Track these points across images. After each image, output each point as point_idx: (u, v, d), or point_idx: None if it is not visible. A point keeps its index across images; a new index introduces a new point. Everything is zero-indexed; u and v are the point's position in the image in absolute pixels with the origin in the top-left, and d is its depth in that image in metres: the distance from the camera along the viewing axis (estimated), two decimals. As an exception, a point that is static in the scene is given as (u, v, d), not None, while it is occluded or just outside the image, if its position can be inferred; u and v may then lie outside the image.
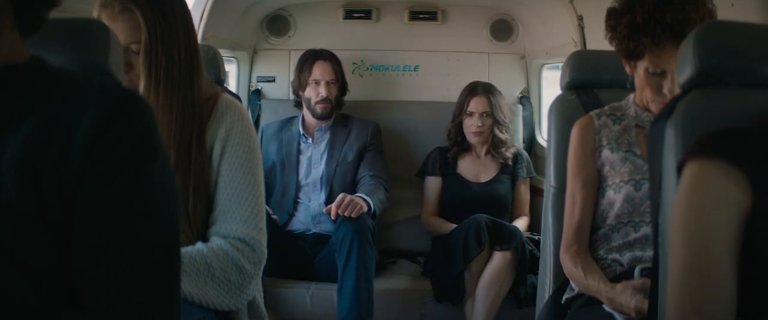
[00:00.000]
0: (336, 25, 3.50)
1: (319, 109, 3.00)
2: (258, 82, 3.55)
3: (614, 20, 1.64)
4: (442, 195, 3.05)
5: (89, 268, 0.83)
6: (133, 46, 1.47)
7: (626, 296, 1.53)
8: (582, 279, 1.68)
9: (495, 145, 3.02)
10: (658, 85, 1.63)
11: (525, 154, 3.15)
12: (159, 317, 0.86)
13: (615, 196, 1.70)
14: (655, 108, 1.67)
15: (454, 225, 2.78)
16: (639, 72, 1.65)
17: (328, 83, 3.00)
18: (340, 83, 3.06)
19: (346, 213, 2.60)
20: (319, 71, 3.00)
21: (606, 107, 1.81)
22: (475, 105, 2.96)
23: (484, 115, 2.96)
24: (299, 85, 3.05)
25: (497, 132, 3.00)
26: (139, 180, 0.85)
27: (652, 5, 1.56)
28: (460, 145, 3.04)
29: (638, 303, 1.49)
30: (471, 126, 2.97)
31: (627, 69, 1.70)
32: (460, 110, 3.00)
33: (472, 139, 3.00)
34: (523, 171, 3.06)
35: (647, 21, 1.56)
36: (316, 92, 2.99)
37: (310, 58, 3.03)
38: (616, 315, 1.57)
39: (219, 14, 2.97)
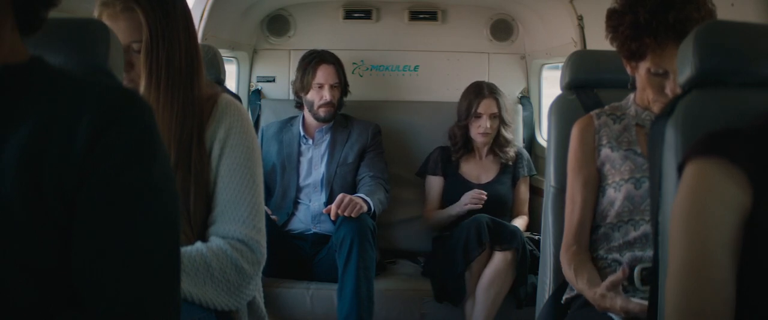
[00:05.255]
0: (336, 25, 3.50)
1: (322, 112, 3.00)
2: (258, 82, 3.55)
3: (615, 21, 1.64)
4: (444, 196, 3.05)
5: (89, 268, 0.83)
6: (135, 45, 1.47)
7: (609, 300, 1.53)
8: (574, 282, 1.69)
9: (500, 145, 3.01)
10: (660, 85, 1.63)
11: (525, 153, 3.15)
12: (159, 317, 0.86)
13: (615, 195, 1.70)
14: (656, 108, 1.67)
15: (456, 208, 2.80)
16: (641, 72, 1.65)
17: (331, 87, 2.99)
18: (342, 86, 3.06)
19: (345, 213, 2.60)
20: (323, 75, 2.99)
21: (606, 107, 1.81)
22: (485, 107, 2.95)
23: (493, 116, 2.96)
24: (301, 88, 3.04)
25: (504, 132, 3.00)
26: (139, 181, 0.85)
27: (654, 5, 1.56)
28: (464, 147, 3.04)
29: (624, 303, 1.50)
30: (480, 128, 2.96)
31: (628, 69, 1.70)
32: (467, 113, 2.98)
33: (479, 140, 2.99)
34: (524, 170, 3.06)
35: (649, 21, 1.56)
36: (319, 96, 2.99)
37: (313, 61, 3.01)
38: (613, 315, 1.57)
39: (219, 14, 2.97)
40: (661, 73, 1.61)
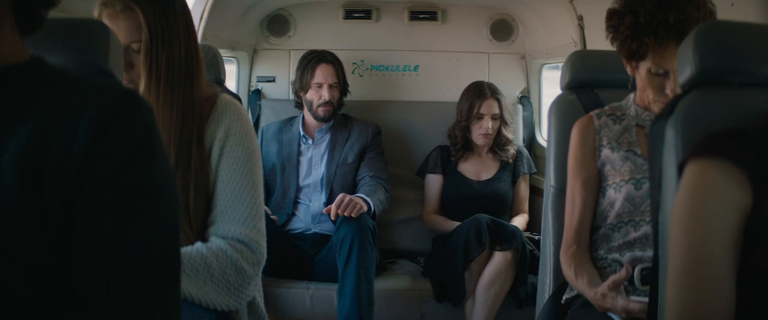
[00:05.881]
0: (336, 25, 3.50)
1: (321, 112, 3.00)
2: (258, 82, 3.55)
3: (616, 21, 1.64)
4: (443, 194, 3.05)
5: (89, 268, 0.83)
6: (134, 45, 1.47)
7: (611, 300, 1.53)
8: (574, 282, 1.69)
9: (500, 144, 3.01)
10: (660, 86, 1.63)
11: (525, 150, 3.16)
12: (159, 317, 0.86)
13: (616, 195, 1.70)
14: (657, 108, 1.67)
15: (456, 223, 2.78)
16: (641, 72, 1.65)
17: (330, 86, 2.99)
18: (341, 86, 3.06)
19: (345, 213, 2.60)
20: (322, 74, 2.99)
21: (606, 107, 1.81)
22: (487, 108, 2.95)
23: (495, 117, 2.96)
24: (301, 87, 3.04)
25: (504, 132, 3.00)
26: (139, 181, 0.85)
27: (654, 6, 1.56)
28: (464, 147, 3.04)
29: (625, 303, 1.50)
30: (481, 129, 2.95)
31: (628, 69, 1.70)
32: (469, 113, 2.98)
33: (480, 141, 2.99)
34: (524, 168, 3.07)
35: (650, 21, 1.56)
36: (318, 95, 2.99)
37: (312, 61, 3.01)
38: (613, 315, 1.57)
39: (219, 14, 2.97)
40: (661, 73, 1.61)
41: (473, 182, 3.00)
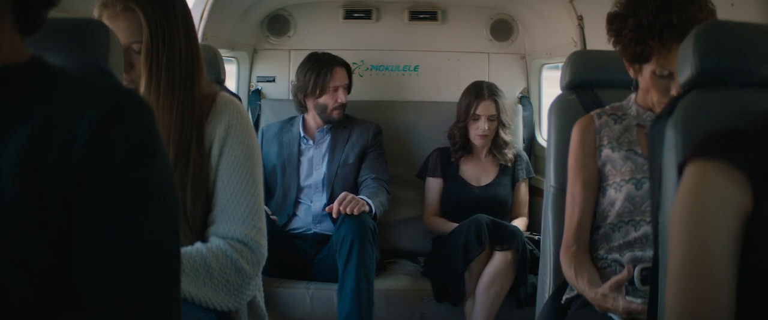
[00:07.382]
0: (336, 25, 3.50)
1: (336, 114, 2.99)
2: (258, 82, 3.55)
3: (618, 24, 1.64)
4: (443, 197, 3.05)
5: (89, 268, 0.83)
6: (135, 45, 1.47)
7: (612, 300, 1.53)
8: (574, 282, 1.69)
9: (498, 146, 3.01)
10: (665, 87, 1.62)
11: (524, 155, 3.15)
12: (159, 317, 0.86)
13: (616, 195, 1.70)
14: (660, 110, 1.66)
15: (456, 225, 2.78)
16: (645, 75, 1.65)
17: (344, 88, 3.00)
18: (349, 87, 3.07)
19: (347, 210, 2.60)
20: (340, 78, 2.99)
21: (607, 107, 1.81)
22: (483, 109, 2.94)
23: (491, 118, 2.96)
24: (313, 91, 2.98)
25: (502, 134, 3.00)
26: (139, 181, 0.85)
27: (657, 7, 1.56)
28: (463, 147, 3.03)
29: (625, 303, 1.50)
30: (478, 129, 2.95)
31: (631, 72, 1.69)
32: (466, 114, 2.98)
33: (477, 141, 2.99)
34: (523, 172, 3.06)
35: (653, 23, 1.56)
36: (334, 98, 2.98)
37: (327, 65, 2.99)
38: (613, 315, 1.57)
39: (219, 14, 2.97)
40: (666, 74, 1.60)
41: (473, 187, 3.00)
